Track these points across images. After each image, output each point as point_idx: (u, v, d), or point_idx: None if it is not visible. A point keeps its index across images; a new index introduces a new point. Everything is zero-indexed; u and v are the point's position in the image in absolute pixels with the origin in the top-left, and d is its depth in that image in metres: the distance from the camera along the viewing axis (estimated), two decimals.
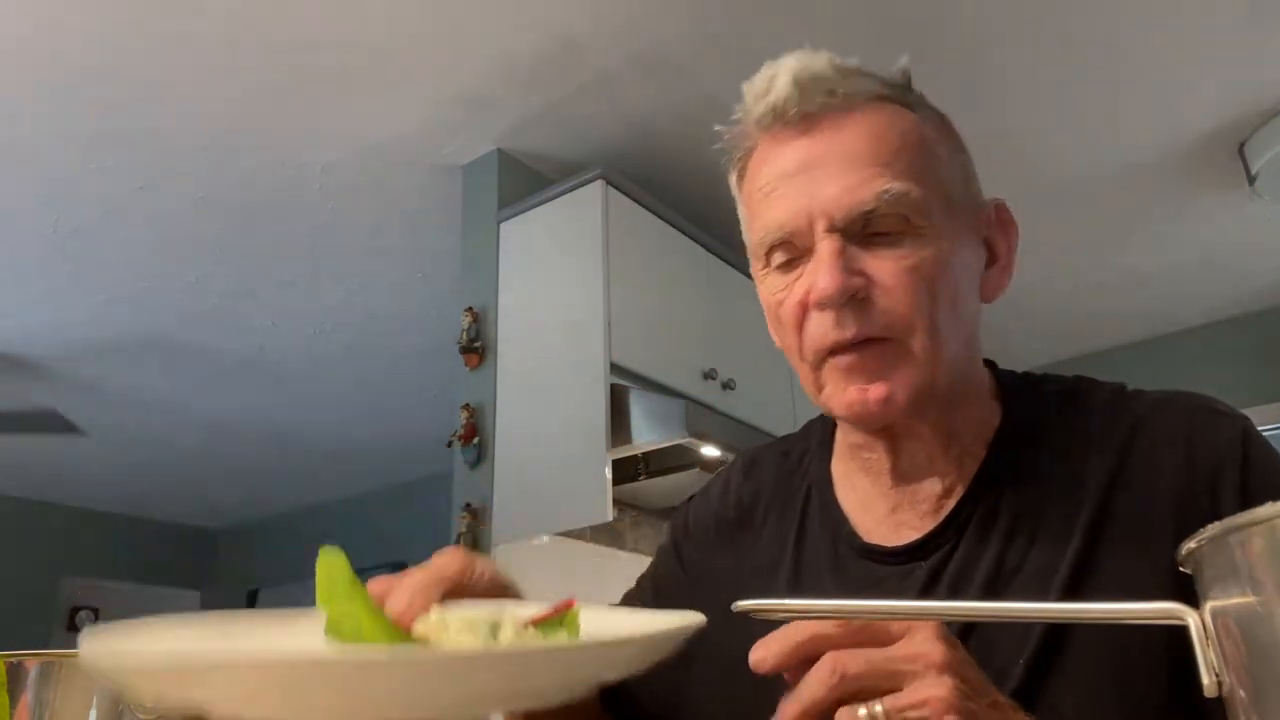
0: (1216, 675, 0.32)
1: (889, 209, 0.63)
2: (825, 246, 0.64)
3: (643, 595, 0.86)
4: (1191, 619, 0.33)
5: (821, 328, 0.65)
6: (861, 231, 0.64)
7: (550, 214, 2.31)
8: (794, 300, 0.66)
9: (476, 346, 2.28)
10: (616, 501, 2.04)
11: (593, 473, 2.00)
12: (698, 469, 2.23)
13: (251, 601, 5.63)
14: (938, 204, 0.65)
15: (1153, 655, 0.59)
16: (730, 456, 2.15)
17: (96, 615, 6.28)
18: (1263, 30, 2.12)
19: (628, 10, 2.00)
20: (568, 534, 2.21)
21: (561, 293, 2.20)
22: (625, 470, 2.27)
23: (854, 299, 0.63)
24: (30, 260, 2.88)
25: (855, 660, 0.45)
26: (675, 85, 2.19)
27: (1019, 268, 0.73)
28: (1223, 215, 2.86)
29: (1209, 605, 0.33)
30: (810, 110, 0.66)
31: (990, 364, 0.75)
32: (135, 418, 4.14)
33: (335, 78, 2.18)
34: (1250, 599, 0.30)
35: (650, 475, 2.30)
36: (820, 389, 0.67)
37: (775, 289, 0.68)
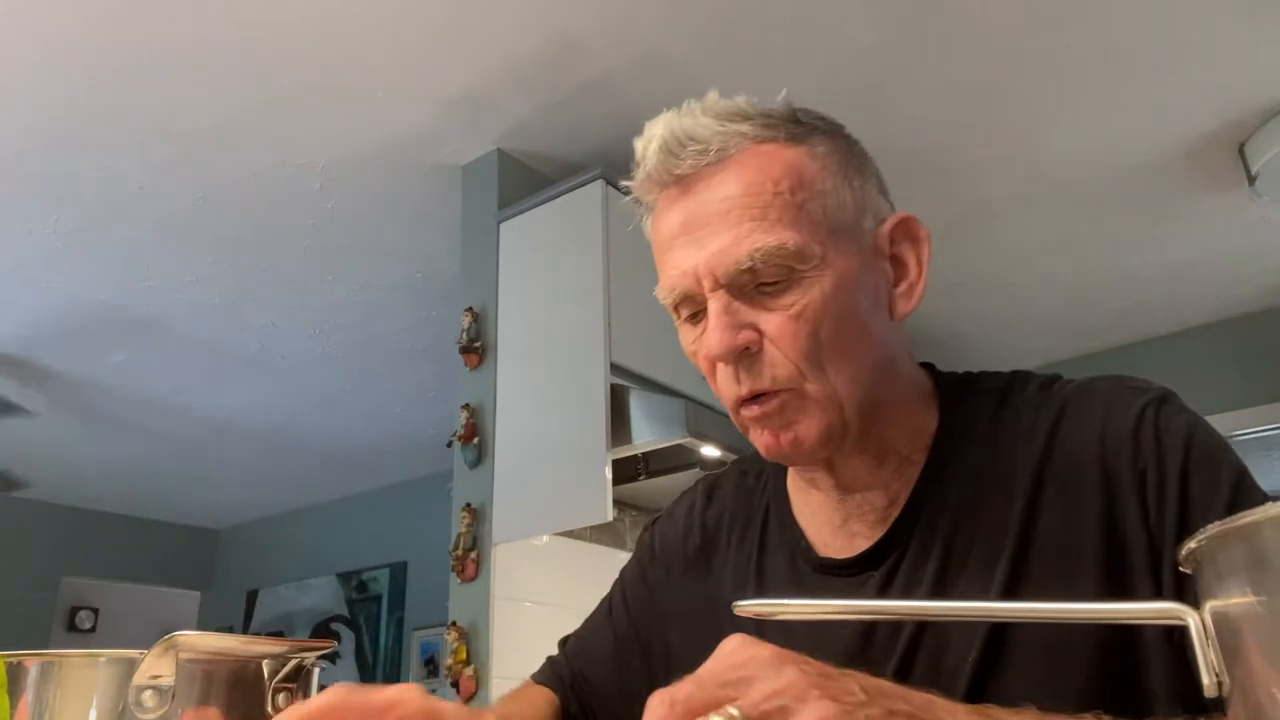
0: (1216, 675, 0.32)
1: (765, 263, 0.64)
2: (712, 305, 0.66)
3: (618, 625, 0.86)
4: (1191, 619, 0.33)
5: (725, 381, 0.68)
6: (750, 284, 0.65)
7: (550, 214, 2.31)
8: (702, 353, 0.68)
9: (476, 346, 2.28)
10: (616, 501, 2.04)
11: (593, 473, 2.00)
12: (698, 469, 2.23)
13: (251, 602, 5.63)
14: (822, 241, 0.65)
15: (1089, 645, 0.60)
16: (730, 457, 2.15)
17: (96, 615, 6.28)
18: (1263, 30, 2.12)
19: (628, 10, 2.00)
20: (568, 534, 2.21)
21: (561, 293, 2.20)
22: (625, 470, 2.27)
23: (747, 353, 0.65)
24: (30, 260, 2.88)
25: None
26: (675, 85, 2.19)
27: (1018, 267, 0.74)
28: (1223, 215, 2.86)
29: (1209, 605, 0.33)
30: (683, 172, 0.67)
31: (930, 368, 0.77)
32: (135, 418, 4.14)
33: (335, 78, 2.18)
34: (1250, 599, 0.30)
35: (650, 475, 2.30)
36: (745, 430, 0.70)
37: (688, 341, 0.71)
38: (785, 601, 0.44)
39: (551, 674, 0.86)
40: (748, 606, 0.46)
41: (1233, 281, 3.29)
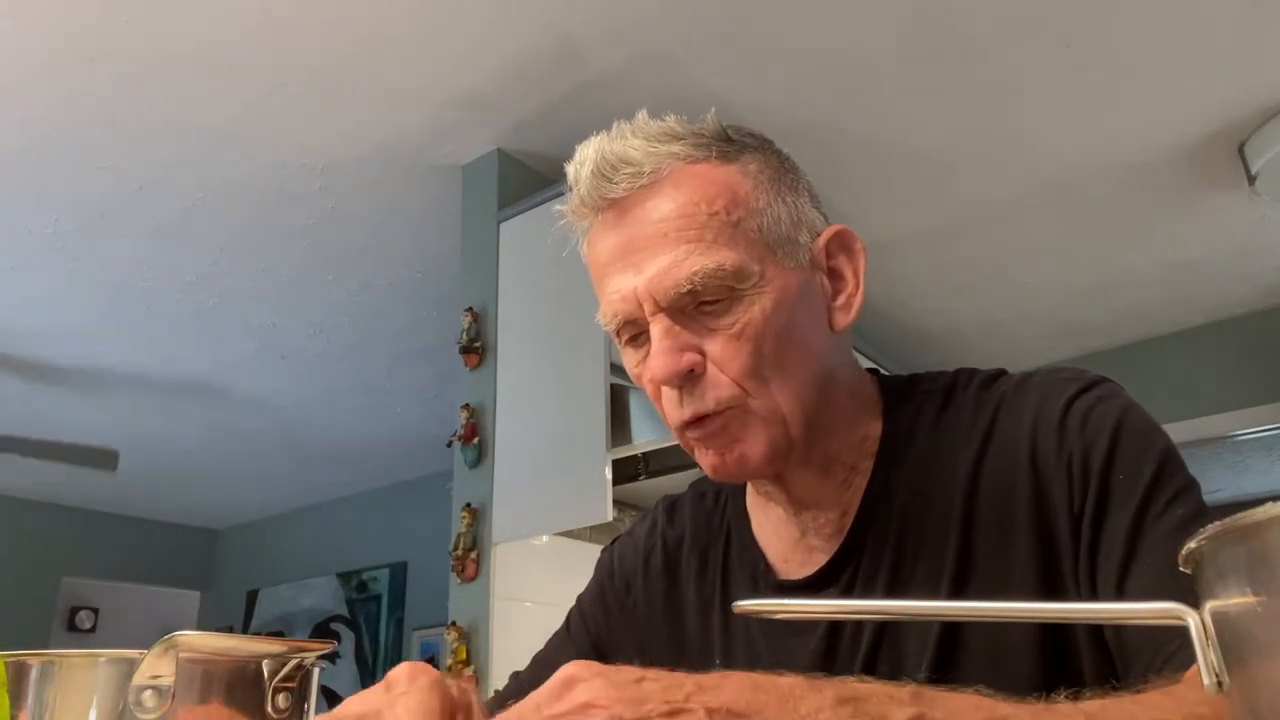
0: (1216, 675, 0.32)
1: (705, 284, 0.64)
2: (655, 329, 0.66)
3: (579, 644, 0.85)
4: (1191, 619, 0.33)
5: (669, 404, 0.68)
6: (691, 304, 0.65)
7: (550, 214, 2.30)
8: (646, 377, 0.68)
9: (476, 346, 2.28)
10: (616, 501, 2.04)
11: (593, 473, 2.00)
12: (698, 468, 2.22)
13: (251, 602, 5.64)
14: (760, 258, 0.66)
15: (1031, 645, 0.61)
16: None
17: (96, 615, 6.28)
18: (1263, 30, 2.12)
19: (628, 10, 2.00)
20: (568, 534, 2.21)
21: (561, 293, 2.20)
22: (625, 470, 2.27)
23: (691, 375, 0.66)
24: (30, 260, 2.88)
25: None
26: (675, 85, 2.19)
27: (1018, 267, 0.74)
28: (1223, 215, 2.86)
29: (1209, 605, 0.33)
30: (616, 195, 0.67)
31: (875, 374, 0.77)
32: (135, 418, 4.14)
33: (335, 78, 2.18)
34: (1250, 599, 0.30)
35: (650, 475, 2.30)
36: (690, 451, 0.71)
37: (632, 364, 0.71)
38: (785, 602, 0.44)
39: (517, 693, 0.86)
40: (747, 606, 0.46)
41: (1233, 281, 3.29)
